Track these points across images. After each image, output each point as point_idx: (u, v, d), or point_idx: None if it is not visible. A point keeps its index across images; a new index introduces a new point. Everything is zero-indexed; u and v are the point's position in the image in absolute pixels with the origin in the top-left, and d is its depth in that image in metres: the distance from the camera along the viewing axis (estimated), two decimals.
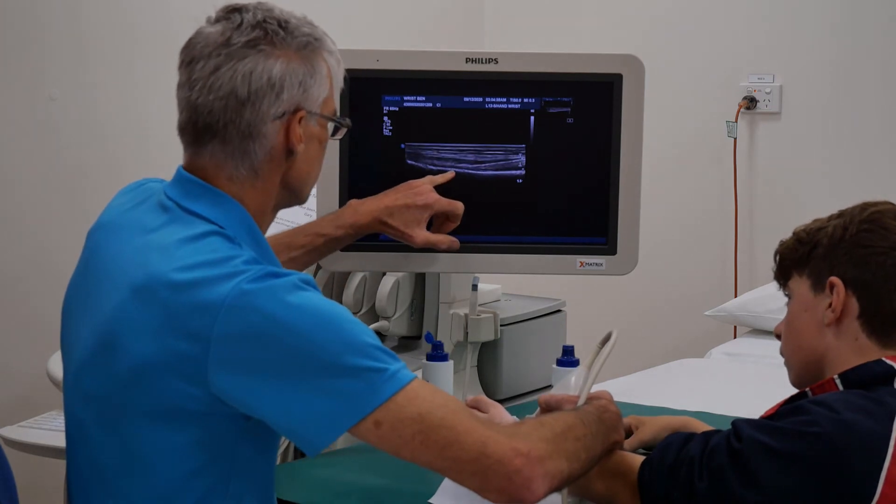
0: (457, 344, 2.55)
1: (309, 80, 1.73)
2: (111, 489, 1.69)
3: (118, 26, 3.51)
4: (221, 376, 1.59)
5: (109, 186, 3.42)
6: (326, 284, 2.64)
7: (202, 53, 1.71)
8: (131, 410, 1.65)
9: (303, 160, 1.76)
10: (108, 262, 1.74)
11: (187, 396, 1.61)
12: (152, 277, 1.63)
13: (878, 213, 1.87)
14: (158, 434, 1.64)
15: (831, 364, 1.86)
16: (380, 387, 1.59)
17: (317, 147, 1.78)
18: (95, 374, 1.70)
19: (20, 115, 3.32)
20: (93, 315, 1.71)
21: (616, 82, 2.36)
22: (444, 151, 2.37)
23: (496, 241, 2.40)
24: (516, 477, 1.59)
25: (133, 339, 1.63)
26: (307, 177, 1.79)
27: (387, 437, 1.60)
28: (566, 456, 1.65)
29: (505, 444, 1.60)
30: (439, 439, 1.59)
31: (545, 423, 1.68)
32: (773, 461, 1.69)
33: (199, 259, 1.63)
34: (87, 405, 1.72)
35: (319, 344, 1.58)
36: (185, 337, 1.59)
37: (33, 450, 2.50)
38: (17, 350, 3.31)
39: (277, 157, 1.73)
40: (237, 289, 1.59)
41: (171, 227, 1.69)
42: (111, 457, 1.69)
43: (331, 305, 1.63)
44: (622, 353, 2.26)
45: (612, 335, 1.89)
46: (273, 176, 1.74)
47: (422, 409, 1.60)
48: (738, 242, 4.37)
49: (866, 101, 4.19)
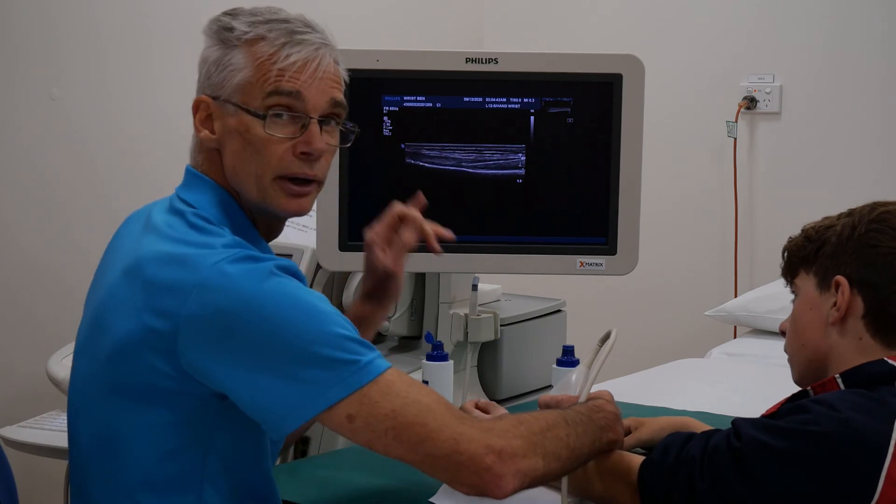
0: (457, 344, 2.55)
1: (214, 67, 1.73)
2: (95, 473, 1.71)
3: (122, 26, 3.51)
4: (190, 353, 1.61)
5: (112, 187, 3.47)
6: (326, 284, 2.64)
7: None
8: (113, 389, 1.67)
9: (227, 153, 1.73)
10: (115, 252, 1.77)
11: (161, 373, 1.62)
12: (138, 258, 1.66)
13: (887, 212, 1.87)
14: (134, 414, 1.66)
15: (834, 363, 1.86)
16: (347, 378, 1.59)
17: (236, 139, 1.72)
18: (86, 356, 1.73)
19: (21, 114, 3.32)
20: (93, 302, 1.75)
21: (616, 82, 2.36)
22: (444, 151, 2.37)
23: (496, 241, 2.40)
24: (486, 474, 1.60)
25: (117, 316, 1.66)
26: (235, 173, 1.73)
27: (360, 432, 1.61)
28: (543, 454, 1.65)
29: (478, 441, 1.60)
30: (412, 436, 1.60)
31: (524, 420, 1.68)
32: (773, 460, 1.69)
33: (180, 240, 1.65)
34: (77, 390, 1.75)
35: (288, 332, 1.59)
36: (159, 313, 1.61)
37: (33, 450, 2.50)
38: (17, 350, 3.32)
39: (202, 145, 1.75)
40: (212, 269, 1.60)
41: (166, 216, 1.72)
42: (97, 439, 1.70)
43: (305, 294, 1.63)
44: (622, 353, 2.26)
45: (611, 334, 1.90)
46: (216, 168, 1.75)
47: (395, 404, 1.60)
48: (738, 242, 4.37)
49: (866, 101, 4.19)
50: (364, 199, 2.37)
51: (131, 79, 3.53)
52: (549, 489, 1.85)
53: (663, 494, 1.76)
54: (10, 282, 3.32)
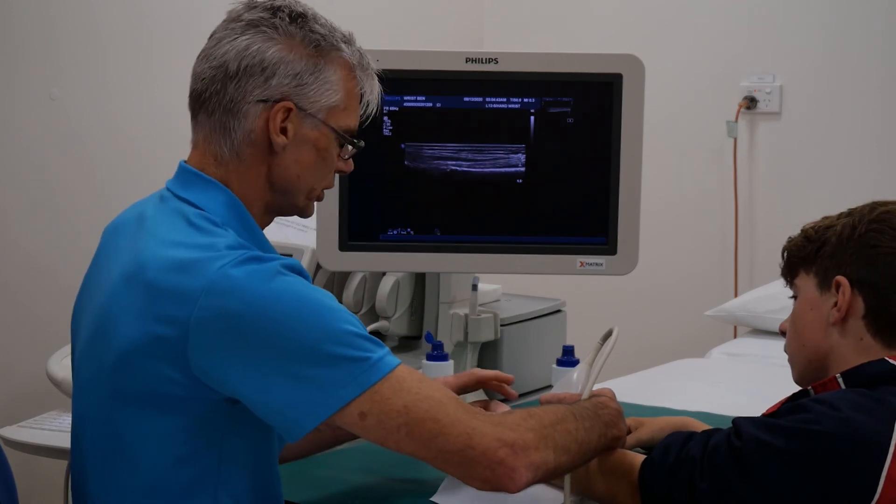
0: (457, 344, 2.55)
1: (307, 76, 1.72)
2: (103, 479, 1.70)
3: (122, 26, 3.51)
4: (201, 358, 1.60)
5: (112, 187, 3.47)
6: (326, 284, 2.64)
7: (218, 27, 1.74)
8: (119, 397, 1.65)
9: (291, 159, 1.73)
10: (109, 256, 1.76)
11: (170, 380, 1.61)
12: (138, 263, 1.65)
13: (887, 212, 1.87)
14: (144, 420, 1.64)
15: (835, 363, 1.86)
16: (359, 376, 1.59)
17: (311, 153, 1.74)
18: (89, 364, 1.72)
19: (21, 114, 3.32)
20: (92, 307, 1.73)
21: (616, 82, 2.36)
22: (445, 151, 2.37)
23: (496, 241, 2.40)
24: (499, 467, 1.60)
25: (120, 323, 1.64)
26: (296, 180, 1.75)
27: (372, 429, 1.60)
28: (553, 447, 1.65)
29: (490, 435, 1.60)
30: (424, 431, 1.60)
31: (534, 414, 1.68)
32: (773, 459, 1.69)
33: (182, 243, 1.64)
34: (82, 396, 1.74)
35: (297, 332, 1.58)
36: (165, 321, 1.60)
37: (33, 450, 2.50)
38: (17, 350, 3.32)
39: (258, 143, 1.72)
40: (218, 273, 1.59)
41: (162, 215, 1.70)
42: (102, 446, 1.69)
43: (312, 292, 1.62)
44: (622, 353, 2.26)
45: (613, 332, 1.90)
46: (256, 165, 1.73)
47: (407, 400, 1.60)
48: (738, 242, 4.37)
49: (866, 101, 4.19)
50: (364, 199, 2.37)
51: (131, 79, 3.53)
52: (551, 487, 1.85)
53: (664, 494, 1.77)
54: (10, 282, 3.32)
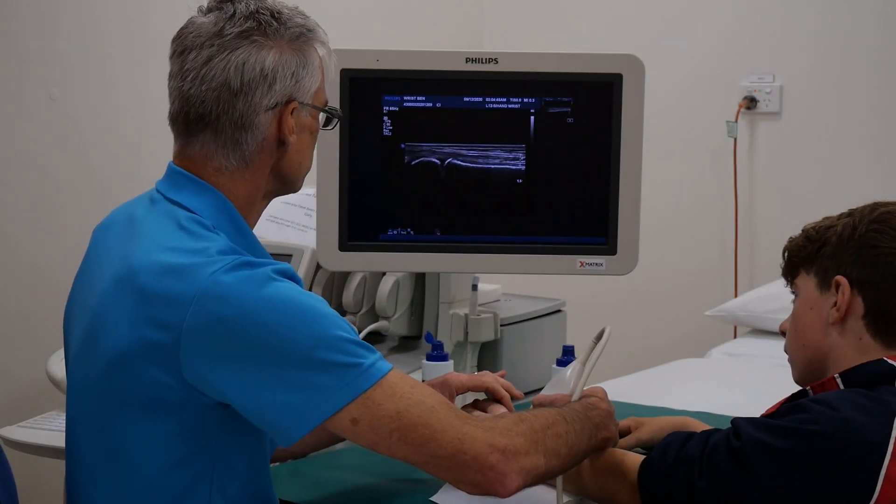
0: (457, 344, 2.55)
1: (301, 71, 1.73)
2: (98, 484, 1.70)
3: (122, 26, 3.51)
4: (194, 364, 1.60)
5: (112, 187, 3.47)
6: (326, 284, 2.64)
7: (194, 43, 1.71)
8: (112, 401, 1.65)
9: (295, 150, 1.76)
10: (100, 256, 1.75)
11: (163, 385, 1.62)
12: (130, 266, 1.64)
13: (887, 213, 1.87)
14: (137, 425, 1.64)
15: (834, 363, 1.86)
16: (351, 382, 1.59)
17: (308, 137, 1.78)
18: (82, 367, 1.71)
19: (21, 114, 3.32)
20: (83, 310, 1.73)
21: (616, 82, 2.36)
22: (444, 151, 2.37)
23: (496, 241, 2.40)
24: (490, 472, 1.61)
25: (112, 328, 1.64)
26: (299, 167, 1.79)
27: (364, 434, 1.61)
28: (544, 452, 1.66)
29: (481, 440, 1.61)
30: (416, 437, 1.60)
31: (525, 418, 1.68)
32: (772, 459, 1.69)
33: (173, 247, 1.64)
34: (76, 400, 1.74)
35: (289, 337, 1.58)
36: (157, 325, 1.60)
37: (33, 450, 2.50)
38: (17, 350, 3.32)
39: (269, 147, 1.73)
40: (209, 279, 1.59)
41: (153, 217, 1.70)
42: (96, 451, 1.69)
43: (304, 297, 1.62)
44: (622, 353, 2.26)
45: (605, 331, 1.91)
46: (263, 166, 1.74)
47: (399, 406, 1.60)
48: (738, 242, 4.37)
49: (866, 101, 4.19)
50: (364, 199, 2.37)
51: (131, 79, 3.53)
52: (548, 487, 1.85)
53: (663, 494, 1.77)
54: (9, 282, 3.32)
